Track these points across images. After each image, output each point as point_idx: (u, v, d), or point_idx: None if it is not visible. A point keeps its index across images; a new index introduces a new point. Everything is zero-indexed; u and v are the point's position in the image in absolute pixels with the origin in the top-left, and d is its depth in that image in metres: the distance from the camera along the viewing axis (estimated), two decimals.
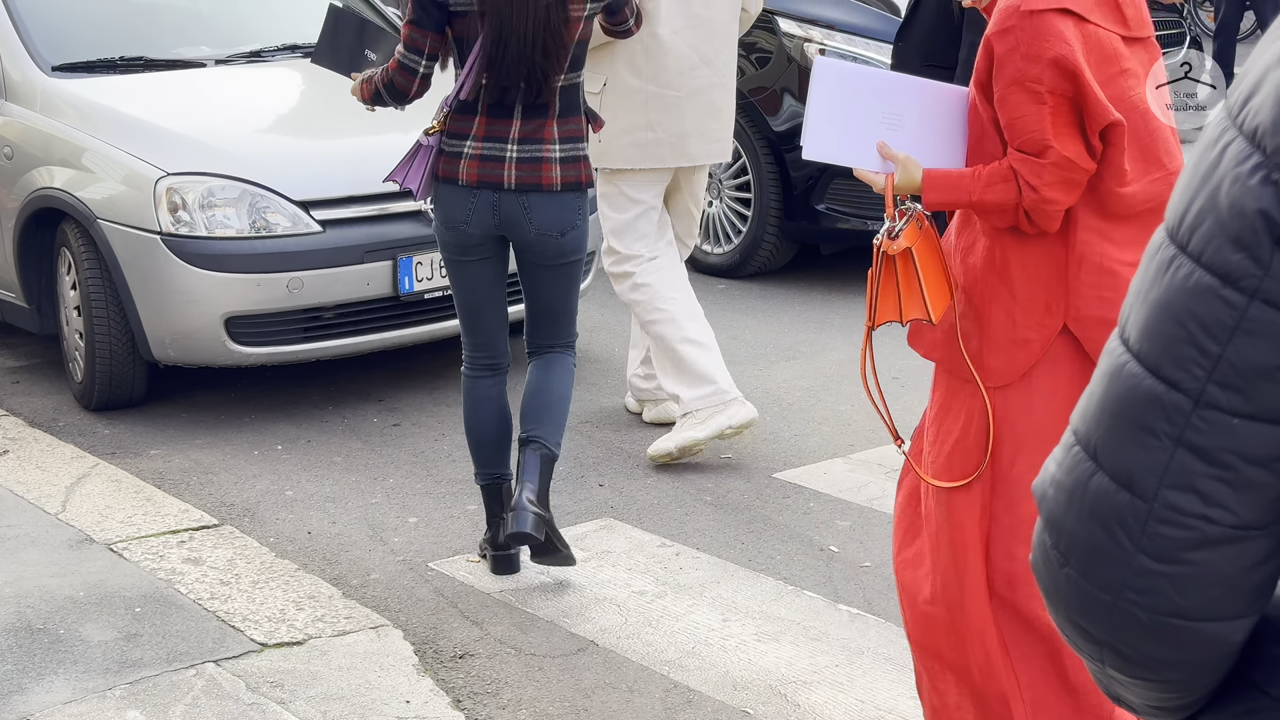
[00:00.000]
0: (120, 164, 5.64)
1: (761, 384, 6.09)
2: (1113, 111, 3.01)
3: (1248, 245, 1.09)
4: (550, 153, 4.27)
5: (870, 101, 3.18)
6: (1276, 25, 1.15)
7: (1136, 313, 1.17)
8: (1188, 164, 1.17)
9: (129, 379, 5.75)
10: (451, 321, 5.90)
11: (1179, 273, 1.13)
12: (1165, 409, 1.13)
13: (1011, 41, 3.00)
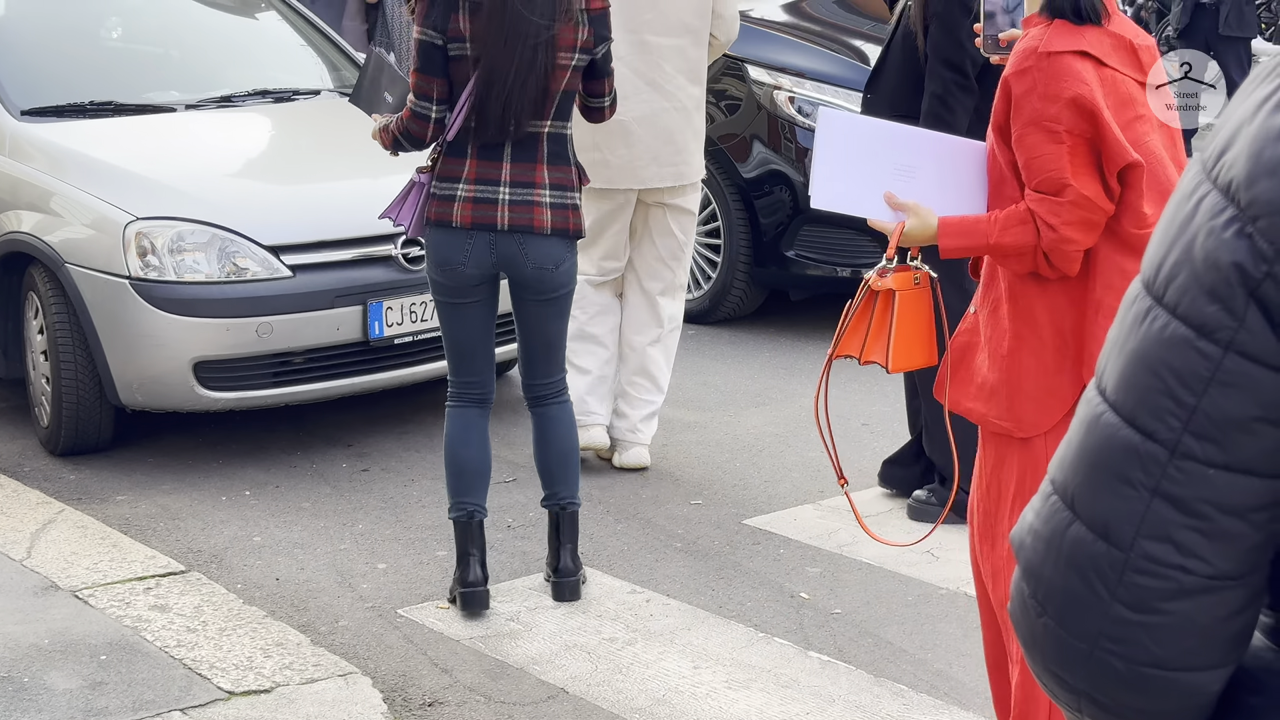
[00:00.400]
0: (89, 208, 5.63)
1: (731, 430, 6.09)
2: (1131, 152, 3.04)
3: (1222, 297, 1.10)
4: (541, 197, 4.37)
5: (880, 152, 3.21)
6: (1250, 80, 1.17)
7: (1113, 363, 1.18)
8: (1164, 216, 1.18)
9: (96, 424, 5.71)
10: (421, 367, 5.91)
11: (1155, 324, 1.14)
12: (1142, 459, 1.14)
13: (1029, 82, 3.04)
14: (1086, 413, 1.19)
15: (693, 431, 6.08)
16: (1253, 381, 1.10)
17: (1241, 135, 1.12)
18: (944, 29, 4.72)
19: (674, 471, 5.67)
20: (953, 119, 4.72)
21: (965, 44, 4.60)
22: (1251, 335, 1.10)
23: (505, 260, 4.38)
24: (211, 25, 7.40)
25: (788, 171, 7.20)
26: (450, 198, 4.33)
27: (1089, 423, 1.18)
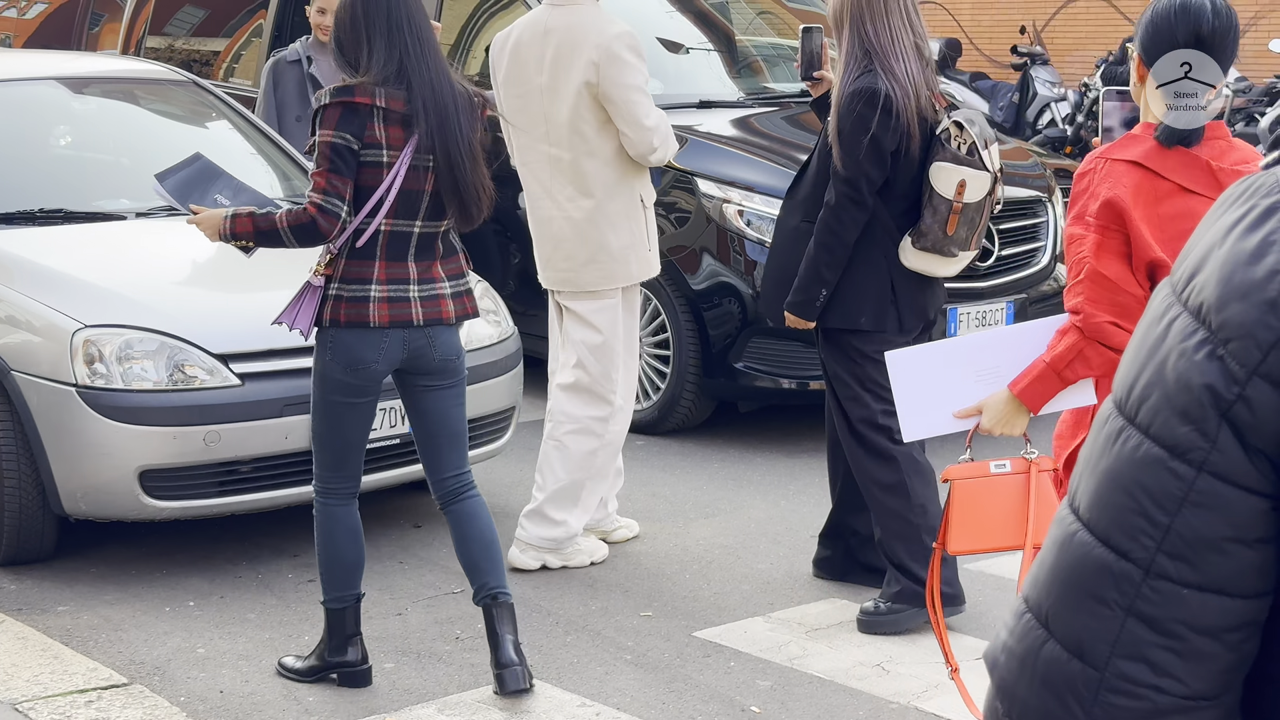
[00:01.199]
0: (37, 315, 5.59)
1: (681, 541, 6.08)
2: (1156, 249, 3.24)
3: (1195, 419, 1.11)
4: (443, 289, 4.60)
5: (955, 371, 3.45)
6: (1218, 204, 1.19)
7: (1086, 482, 1.18)
8: (1134, 337, 1.20)
9: (38, 533, 5.64)
10: (371, 476, 5.84)
11: (1128, 444, 1.15)
12: (1116, 578, 1.14)
13: (1085, 183, 3.35)
14: (1060, 532, 1.20)
15: (642, 542, 6.06)
16: (1225, 502, 1.11)
17: (1212, 259, 1.14)
18: (844, 147, 4.99)
19: (623, 583, 5.64)
20: (841, 230, 5.04)
21: (862, 162, 4.96)
22: (1224, 456, 1.11)
23: (414, 354, 4.55)
24: (162, 133, 7.41)
25: (736, 284, 7.24)
26: (363, 299, 4.46)
27: (1063, 541, 1.19)
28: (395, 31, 4.42)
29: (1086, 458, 1.20)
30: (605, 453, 5.78)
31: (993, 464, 3.50)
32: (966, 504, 3.49)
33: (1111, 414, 1.18)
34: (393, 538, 6.09)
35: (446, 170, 4.47)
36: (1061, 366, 3.35)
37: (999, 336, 3.58)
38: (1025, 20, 16.00)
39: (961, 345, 3.59)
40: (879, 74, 4.96)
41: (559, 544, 5.70)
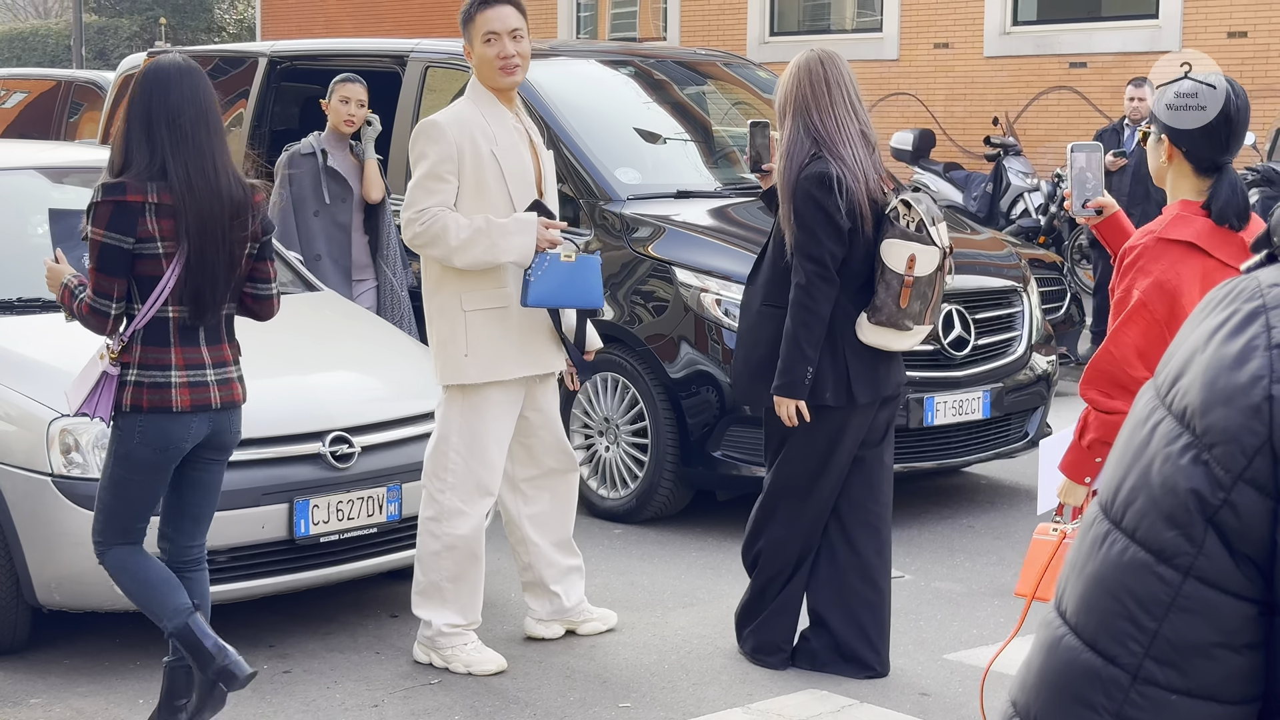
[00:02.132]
0: (13, 404, 5.56)
1: (659, 631, 6.04)
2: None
3: (1180, 523, 1.11)
4: (233, 373, 4.86)
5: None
6: (1200, 309, 1.19)
7: (1073, 585, 1.18)
8: (1119, 440, 1.20)
9: (11, 625, 5.58)
10: (347, 565, 5.84)
11: (1114, 548, 1.15)
12: (1103, 683, 1.13)
13: (1134, 257, 3.61)
14: (1047, 635, 1.19)
15: (620, 632, 6.02)
16: (1212, 608, 1.10)
17: (1194, 363, 1.14)
18: (804, 228, 5.17)
19: (601, 673, 5.60)
20: (815, 306, 5.19)
21: (824, 240, 5.16)
22: (1210, 561, 1.10)
23: (215, 433, 4.80)
24: None
25: (714, 372, 7.24)
26: (164, 384, 4.67)
27: (1050, 645, 1.18)
28: (155, 130, 4.61)
29: (1072, 562, 1.19)
30: (454, 556, 5.51)
31: (1052, 525, 3.95)
32: (1031, 557, 3.93)
33: (1098, 517, 1.18)
34: (369, 628, 6.04)
35: (198, 266, 4.64)
36: (1079, 439, 3.81)
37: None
38: (998, 111, 16.14)
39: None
40: (828, 160, 5.15)
41: (432, 641, 5.58)
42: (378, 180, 7.81)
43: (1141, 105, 11.52)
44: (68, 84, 15.44)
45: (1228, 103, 3.65)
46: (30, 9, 48.87)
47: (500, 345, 5.47)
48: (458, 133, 5.39)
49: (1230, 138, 3.68)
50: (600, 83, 9.11)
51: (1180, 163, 3.72)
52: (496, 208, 5.44)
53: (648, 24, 21.43)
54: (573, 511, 5.95)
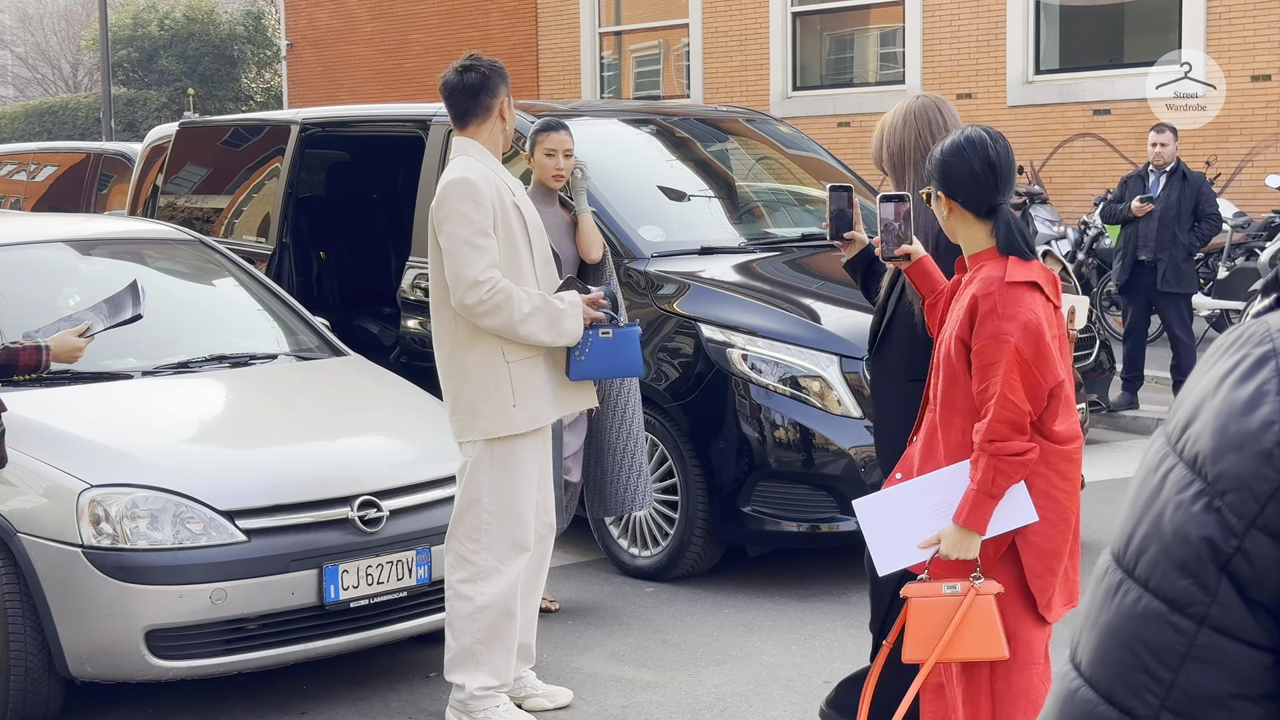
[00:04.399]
0: (43, 477, 5.58)
1: (692, 689, 6.00)
2: (1060, 372, 3.85)
3: (1194, 572, 1.10)
4: None
5: (913, 509, 3.95)
6: (1210, 354, 1.18)
7: (1086, 637, 1.16)
8: (1130, 489, 1.18)
9: (43, 697, 5.57)
10: (377, 630, 5.83)
11: (1127, 598, 1.13)
12: None
13: (992, 303, 3.83)
14: (1062, 688, 1.17)
15: (652, 691, 5.99)
16: (1228, 658, 1.09)
17: (1205, 409, 1.13)
18: None
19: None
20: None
21: None
22: (1225, 610, 1.09)
23: None
24: (169, 291, 7.46)
25: (742, 427, 7.22)
26: None
27: (1065, 698, 1.17)
28: None
29: (1086, 612, 1.18)
30: (487, 616, 5.47)
31: (945, 586, 3.90)
32: (919, 618, 3.90)
33: (1110, 567, 1.17)
34: (401, 693, 6.02)
35: None
36: (986, 488, 3.84)
37: (946, 474, 3.97)
38: (1023, 160, 16.16)
39: (914, 486, 4.01)
40: None
41: (464, 705, 5.53)
42: (595, 236, 6.85)
43: (1164, 150, 11.51)
44: (97, 156, 15.60)
45: (987, 150, 3.95)
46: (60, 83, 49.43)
47: (542, 391, 5.53)
48: (489, 189, 5.44)
49: (999, 181, 3.95)
50: (623, 141, 9.16)
51: (960, 213, 4.00)
52: (522, 259, 5.50)
53: (672, 82, 21.54)
54: (543, 581, 5.90)
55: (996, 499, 3.84)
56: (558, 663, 6.30)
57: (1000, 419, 3.80)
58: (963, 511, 3.87)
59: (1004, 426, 3.80)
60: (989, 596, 3.87)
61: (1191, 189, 11.45)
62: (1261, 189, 14.99)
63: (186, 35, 37.55)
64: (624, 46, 22.26)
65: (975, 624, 3.86)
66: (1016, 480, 3.86)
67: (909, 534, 3.96)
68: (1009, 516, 3.88)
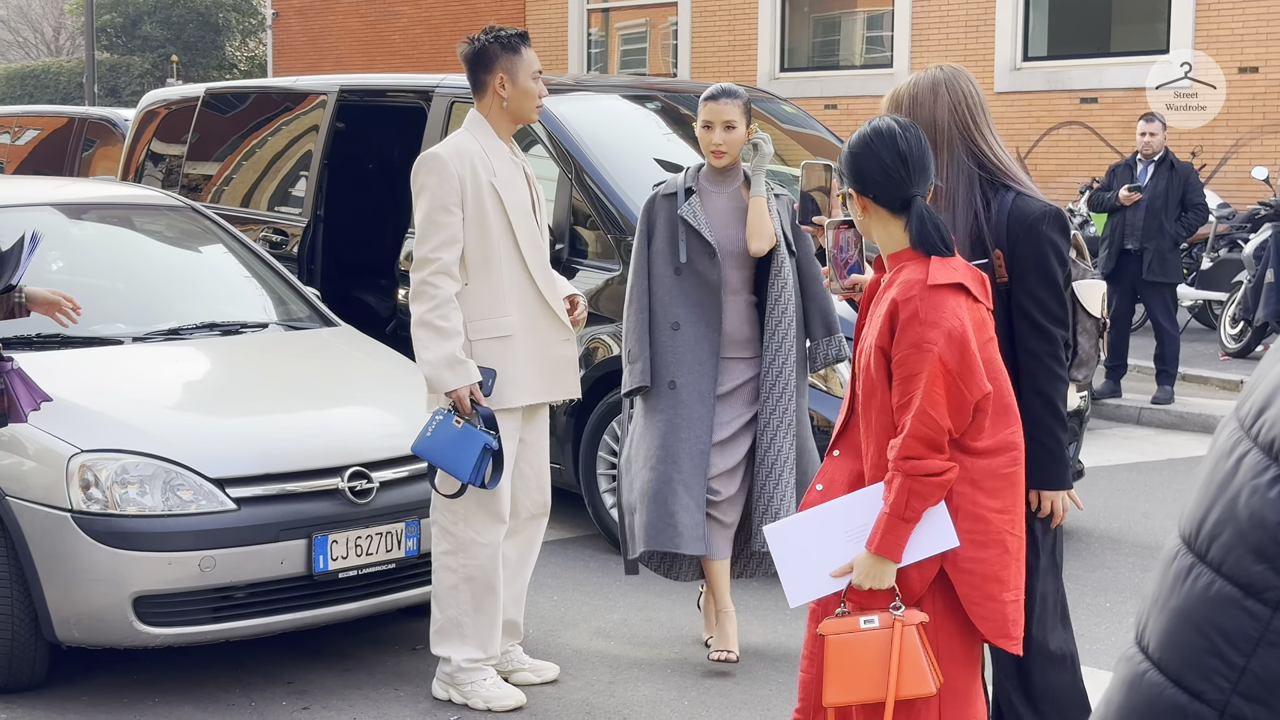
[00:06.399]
0: (33, 440, 5.55)
1: (678, 667, 6.00)
2: (986, 384, 3.55)
3: (1270, 557, 1.09)
4: None
5: (827, 535, 3.64)
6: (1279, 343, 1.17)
7: (1155, 620, 1.16)
8: (1202, 472, 1.17)
9: (30, 661, 5.55)
10: (365, 601, 5.81)
11: (1199, 582, 1.12)
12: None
13: (913, 308, 3.53)
14: (1128, 670, 1.17)
15: (638, 668, 5.99)
16: None
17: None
18: (1048, 281, 4.12)
19: (620, 708, 5.57)
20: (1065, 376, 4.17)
21: (1063, 295, 4.16)
22: None
23: None
24: (158, 258, 7.43)
25: None
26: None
27: (1132, 681, 1.16)
28: None
29: (1153, 596, 1.17)
30: (472, 588, 5.48)
31: (862, 620, 3.59)
32: (839, 658, 3.60)
33: (1180, 550, 1.16)
34: (388, 665, 6.01)
35: None
36: (900, 511, 3.53)
37: (859, 498, 3.65)
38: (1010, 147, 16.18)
39: (829, 510, 3.68)
40: (1024, 194, 4.14)
41: (451, 678, 5.54)
42: (761, 227, 5.75)
43: (1153, 140, 11.53)
44: (81, 121, 15.50)
45: (896, 141, 3.67)
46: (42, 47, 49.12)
47: (509, 374, 5.47)
48: (459, 164, 5.40)
49: (911, 173, 3.67)
50: (623, 117, 9.12)
51: (875, 210, 3.71)
52: (498, 237, 5.44)
53: (657, 60, 21.49)
54: (533, 561, 5.86)
55: (912, 523, 3.52)
56: (544, 638, 6.30)
57: (915, 435, 3.50)
58: (875, 537, 3.55)
59: (919, 444, 3.50)
60: (913, 628, 3.56)
61: (1179, 179, 11.48)
62: (1246, 180, 15.03)
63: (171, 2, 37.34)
64: (610, 23, 22.20)
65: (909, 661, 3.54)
66: (934, 502, 3.54)
67: (822, 562, 3.63)
68: (927, 541, 3.57)
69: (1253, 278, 13.14)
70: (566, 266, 7.81)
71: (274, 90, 10.39)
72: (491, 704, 5.47)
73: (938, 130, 4.08)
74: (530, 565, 5.83)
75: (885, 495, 3.55)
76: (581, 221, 7.97)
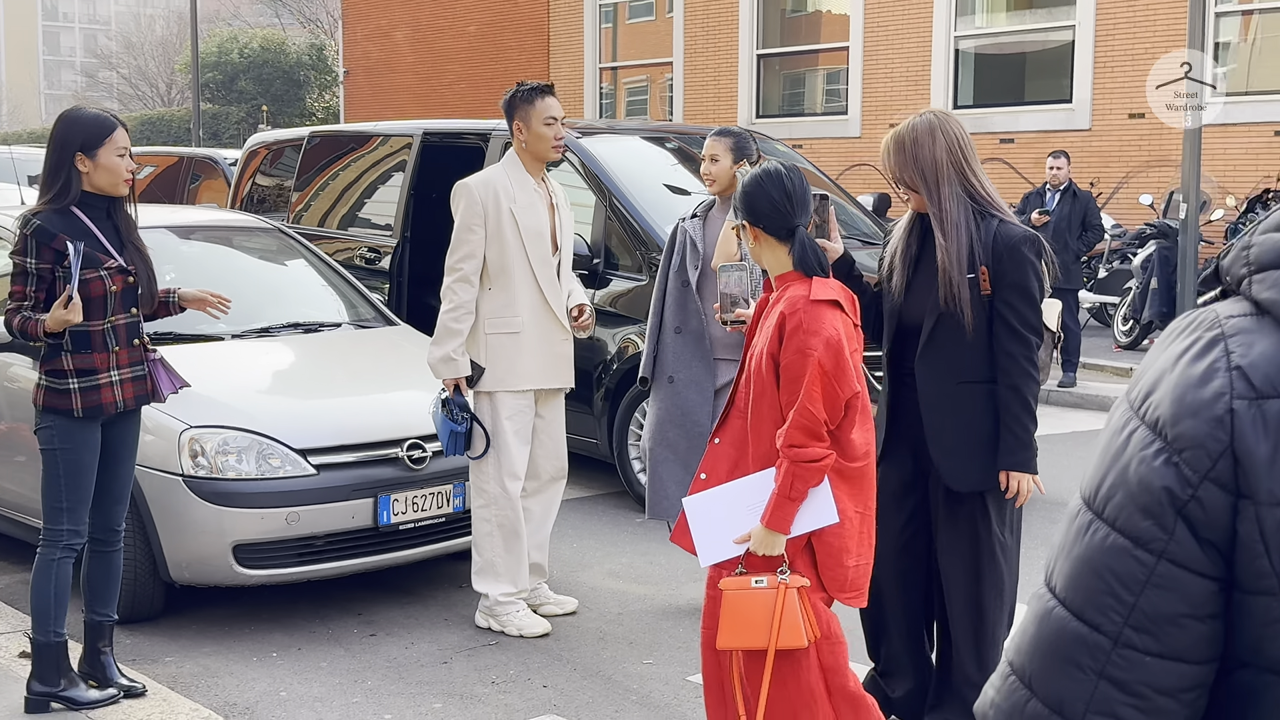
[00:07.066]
0: (151, 418, 5.52)
1: (674, 600, 5.99)
2: (856, 384, 3.51)
3: (1155, 515, 1.08)
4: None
5: (734, 507, 3.57)
6: (1166, 335, 1.16)
7: (1061, 565, 1.15)
8: (1099, 445, 1.17)
9: (149, 597, 5.56)
10: (421, 548, 5.80)
11: (1097, 534, 1.12)
12: (1089, 648, 1.11)
13: (798, 320, 3.47)
14: (1039, 607, 1.16)
15: (641, 601, 5.99)
16: (1182, 585, 1.08)
17: (1165, 382, 1.11)
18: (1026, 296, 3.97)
19: (628, 635, 5.56)
20: (1038, 377, 4.04)
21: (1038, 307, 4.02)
22: (1180, 547, 1.08)
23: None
24: (252, 270, 7.41)
25: None
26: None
27: (1042, 616, 1.15)
28: None
29: (1060, 545, 1.17)
30: (502, 533, 5.48)
31: (753, 580, 3.53)
32: (731, 609, 3.53)
33: (1080, 509, 1.15)
34: (439, 599, 6.00)
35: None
36: (786, 491, 3.47)
37: (760, 478, 3.58)
38: None
39: (735, 487, 3.61)
40: (1006, 221, 3.99)
41: (490, 610, 5.55)
42: (724, 245, 5.44)
43: (1059, 172, 11.50)
44: (189, 159, 15.49)
45: (783, 180, 3.62)
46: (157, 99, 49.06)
47: (511, 363, 5.51)
48: (482, 192, 5.49)
49: (795, 206, 3.60)
50: (645, 154, 9.04)
51: (765, 238, 3.63)
52: (513, 253, 5.48)
53: (656, 108, 21.45)
54: (554, 515, 5.84)
55: (797, 502, 3.47)
56: (565, 578, 6.30)
57: (797, 426, 3.44)
58: (767, 513, 3.49)
59: (801, 434, 3.44)
60: (794, 590, 3.49)
61: (1080, 204, 11.45)
62: (1135, 206, 14.99)
63: (262, 62, 37.27)
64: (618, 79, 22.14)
65: (789, 617, 3.48)
66: (815, 484, 3.48)
67: (728, 531, 3.57)
68: (812, 517, 3.51)
69: (1140, 285, 13.12)
70: (601, 277, 7.75)
71: (369, 133, 10.23)
72: (524, 631, 5.47)
73: (938, 167, 3.94)
74: (551, 518, 5.82)
75: (776, 478, 3.50)
76: (614, 240, 7.92)
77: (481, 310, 5.49)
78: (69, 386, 4.46)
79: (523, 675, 5.10)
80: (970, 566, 4.05)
